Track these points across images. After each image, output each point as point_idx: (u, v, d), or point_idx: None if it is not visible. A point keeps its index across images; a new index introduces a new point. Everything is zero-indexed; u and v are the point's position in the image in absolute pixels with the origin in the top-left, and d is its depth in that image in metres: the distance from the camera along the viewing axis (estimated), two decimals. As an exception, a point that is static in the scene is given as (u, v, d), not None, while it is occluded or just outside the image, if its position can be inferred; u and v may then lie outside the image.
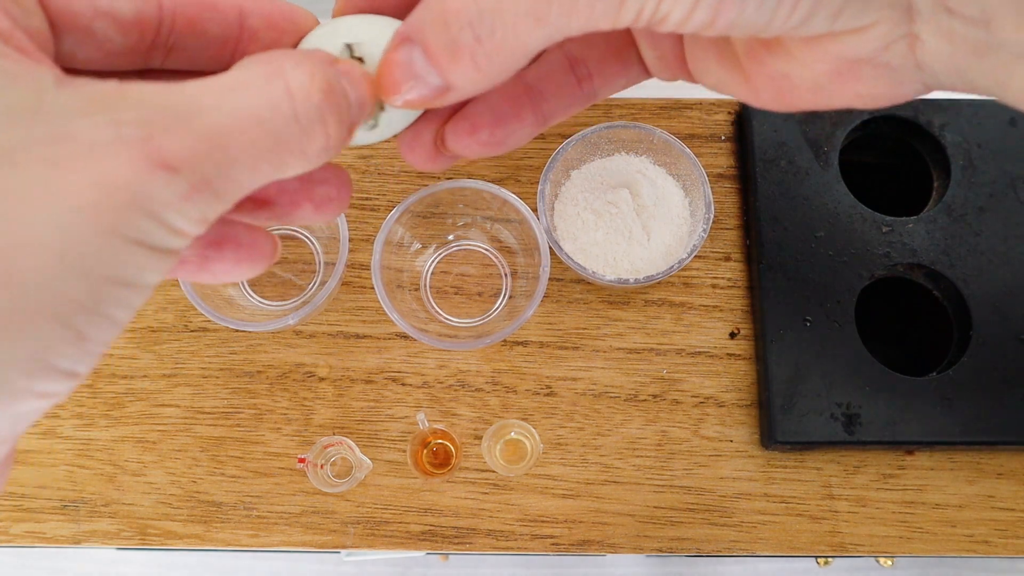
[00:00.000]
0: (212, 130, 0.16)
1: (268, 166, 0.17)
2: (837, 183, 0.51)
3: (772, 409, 0.47)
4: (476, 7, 0.18)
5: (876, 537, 0.47)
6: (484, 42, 0.18)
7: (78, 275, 0.15)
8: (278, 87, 0.17)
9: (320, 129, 0.18)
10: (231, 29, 0.21)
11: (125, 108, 0.16)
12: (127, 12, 0.19)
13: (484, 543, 0.47)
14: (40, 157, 0.15)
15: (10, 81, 0.16)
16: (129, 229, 0.15)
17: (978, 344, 0.47)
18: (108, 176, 0.15)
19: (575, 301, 0.51)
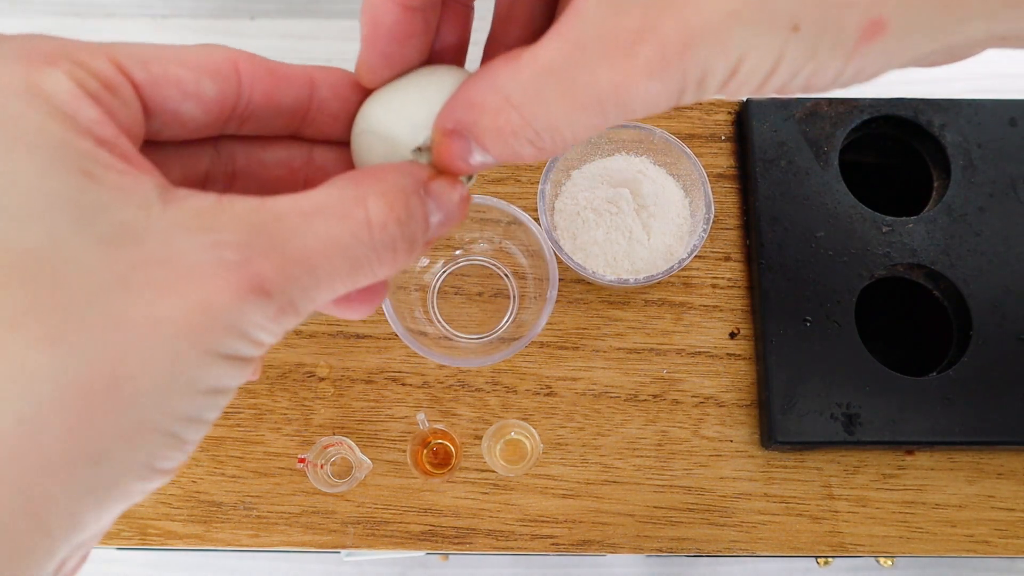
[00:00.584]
0: (302, 255, 0.18)
1: (342, 285, 0.19)
2: (837, 183, 0.51)
3: (772, 409, 0.47)
4: (532, 127, 0.19)
5: (876, 537, 0.47)
6: (545, 148, 0.20)
7: (184, 392, 0.17)
8: (359, 216, 0.19)
9: (390, 256, 0.19)
10: (302, 100, 0.22)
11: (225, 228, 0.17)
12: (211, 93, 0.20)
13: (484, 543, 0.47)
14: (150, 281, 0.16)
15: (122, 197, 0.17)
16: (225, 347, 0.17)
17: (978, 344, 0.47)
18: (210, 300, 0.16)
19: (575, 301, 0.51)
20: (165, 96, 0.19)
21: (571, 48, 0.18)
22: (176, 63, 0.19)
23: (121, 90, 0.18)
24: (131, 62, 0.19)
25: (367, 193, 0.19)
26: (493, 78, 0.20)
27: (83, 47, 0.18)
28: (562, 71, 0.19)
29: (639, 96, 0.18)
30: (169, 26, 1.16)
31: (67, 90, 0.17)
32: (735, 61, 0.18)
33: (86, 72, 0.18)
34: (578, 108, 0.19)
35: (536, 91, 0.19)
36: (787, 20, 0.17)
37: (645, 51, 0.18)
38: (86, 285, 0.16)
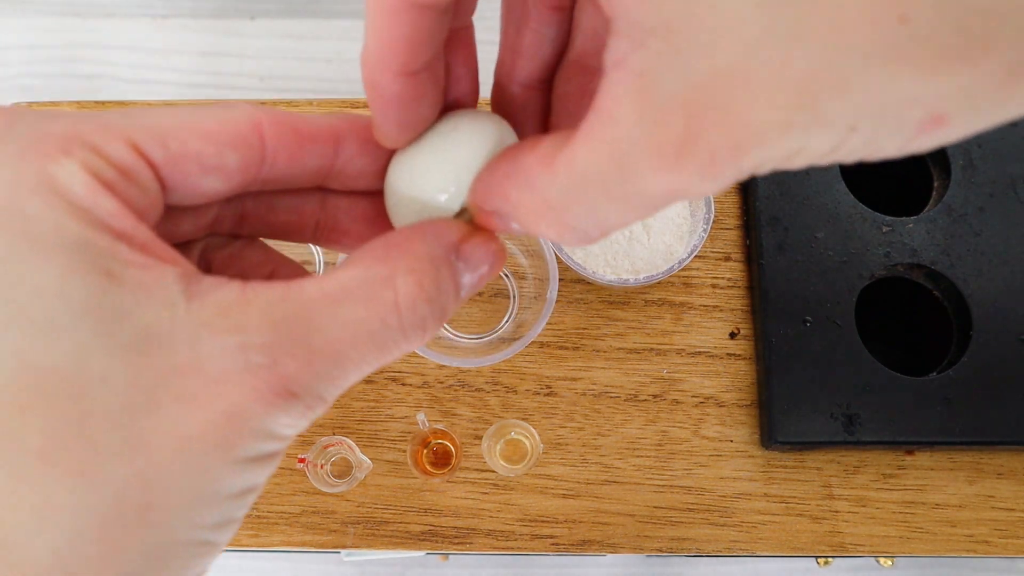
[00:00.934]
0: (329, 347, 0.17)
1: (369, 369, 0.18)
2: (837, 183, 0.51)
3: (772, 409, 0.47)
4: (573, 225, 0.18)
5: (876, 537, 0.47)
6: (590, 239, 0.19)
7: (213, 502, 0.17)
8: (388, 299, 0.18)
9: (419, 334, 0.19)
10: (328, 157, 0.21)
11: (250, 328, 0.17)
12: (234, 164, 0.19)
13: (484, 543, 0.47)
14: (177, 394, 0.16)
15: (145, 298, 0.16)
16: (253, 451, 0.17)
17: (978, 344, 0.47)
18: (237, 409, 0.16)
19: (575, 301, 0.51)
20: (186, 172, 0.19)
21: (610, 154, 0.17)
22: (197, 136, 0.19)
23: (139, 175, 0.18)
24: (149, 142, 0.18)
25: (395, 272, 0.18)
26: (527, 177, 0.19)
27: (98, 128, 0.17)
28: (606, 177, 0.17)
29: (692, 194, 0.17)
30: (169, 26, 1.16)
31: (82, 183, 0.16)
32: (787, 158, 0.16)
33: (102, 160, 0.17)
34: (630, 209, 0.18)
35: (578, 196, 0.18)
36: (844, 123, 0.16)
37: (695, 160, 0.16)
38: (112, 406, 0.16)
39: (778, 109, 0.15)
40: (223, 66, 1.14)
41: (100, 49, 1.14)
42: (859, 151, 0.17)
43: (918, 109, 0.16)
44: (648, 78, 0.16)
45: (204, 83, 1.13)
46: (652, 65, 0.16)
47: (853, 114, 0.16)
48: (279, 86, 1.13)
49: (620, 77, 0.17)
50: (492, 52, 0.22)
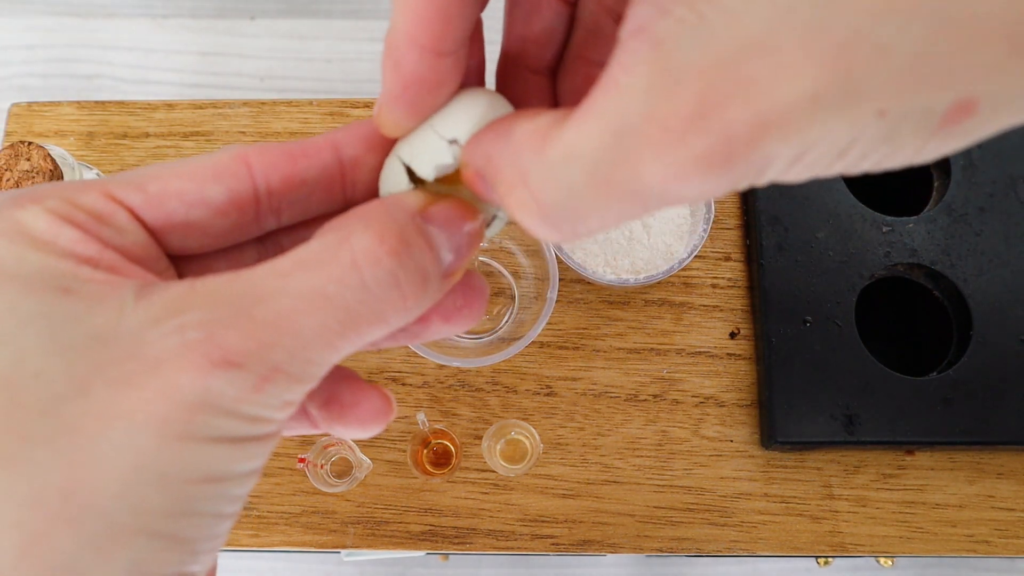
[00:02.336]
0: (276, 316, 0.16)
1: (344, 341, 0.17)
2: (837, 183, 0.51)
3: (772, 409, 0.47)
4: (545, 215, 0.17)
5: (876, 537, 0.47)
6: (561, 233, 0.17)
7: (156, 486, 0.16)
8: (343, 259, 0.17)
9: (396, 293, 0.17)
10: (330, 167, 0.20)
11: (191, 309, 0.17)
12: (219, 195, 0.19)
13: (484, 543, 0.47)
14: (111, 380, 0.16)
15: (95, 304, 0.17)
16: (200, 429, 0.16)
17: (978, 344, 0.47)
18: (172, 384, 0.16)
19: (575, 301, 0.51)
20: (169, 211, 0.19)
21: (608, 134, 0.15)
22: (176, 176, 0.19)
23: (113, 218, 0.18)
24: (125, 190, 0.18)
25: (351, 230, 0.17)
26: (516, 145, 0.17)
27: (76, 186, 0.18)
28: (595, 160, 0.15)
29: (688, 193, 0.15)
30: (169, 26, 1.16)
31: (46, 220, 0.17)
32: (807, 147, 0.15)
33: (72, 205, 0.18)
34: (612, 201, 0.16)
35: (557, 178, 0.16)
36: (874, 105, 0.14)
37: (703, 142, 0.15)
38: (43, 398, 0.16)
39: (808, 80, 0.14)
40: (223, 66, 1.14)
41: (100, 49, 1.14)
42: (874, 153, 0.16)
43: (951, 91, 0.14)
44: (666, 47, 0.15)
45: (204, 83, 1.13)
46: (673, 33, 0.14)
47: (885, 90, 0.14)
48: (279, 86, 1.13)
49: (635, 46, 0.15)
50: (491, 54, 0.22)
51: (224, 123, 0.55)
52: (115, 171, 0.55)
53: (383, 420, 0.21)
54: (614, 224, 0.17)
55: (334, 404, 0.21)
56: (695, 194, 0.16)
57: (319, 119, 0.55)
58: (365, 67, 1.14)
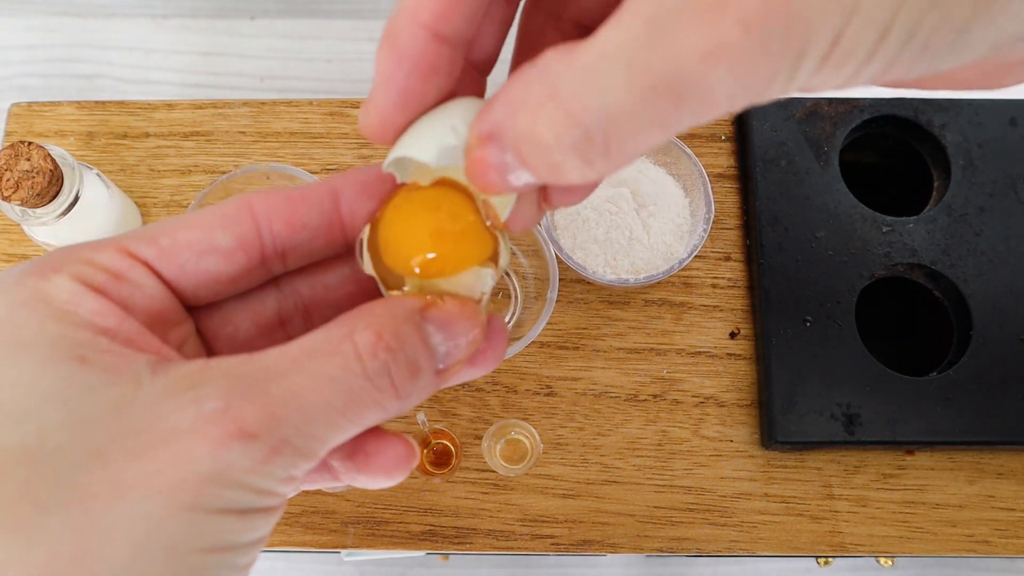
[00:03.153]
0: (288, 393, 0.17)
1: (347, 421, 0.18)
2: (837, 183, 0.51)
3: (772, 409, 0.47)
4: (580, 128, 0.15)
5: (876, 537, 0.47)
6: (592, 158, 0.16)
7: (164, 556, 0.16)
8: (347, 350, 0.18)
9: (388, 386, 0.18)
10: (330, 213, 0.21)
11: (208, 383, 0.17)
12: (228, 242, 0.20)
13: (484, 543, 0.47)
14: (127, 451, 0.16)
15: (111, 375, 0.17)
16: (210, 500, 0.16)
17: (978, 344, 0.47)
18: (186, 455, 0.16)
19: (575, 301, 0.51)
20: (182, 262, 0.20)
21: (643, 22, 0.14)
22: (185, 227, 0.20)
23: (130, 274, 0.19)
24: (139, 244, 0.19)
25: (355, 327, 0.18)
26: (545, 65, 0.16)
27: (93, 246, 0.19)
28: (631, 50, 0.14)
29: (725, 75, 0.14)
30: (169, 26, 1.16)
31: (68, 290, 0.18)
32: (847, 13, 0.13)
33: (92, 268, 0.19)
34: (648, 93, 0.14)
35: (593, 77, 0.15)
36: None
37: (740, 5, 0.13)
38: (61, 469, 0.16)
39: None
40: (223, 66, 1.14)
41: (100, 49, 1.14)
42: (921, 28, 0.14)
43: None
44: None
45: (204, 83, 1.13)
46: None
47: None
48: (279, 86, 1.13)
49: None
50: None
51: (224, 123, 0.55)
52: (115, 171, 0.54)
53: (406, 467, 0.22)
54: (646, 138, 0.15)
55: (359, 454, 0.21)
56: (734, 80, 0.14)
57: (319, 119, 0.55)
58: (365, 67, 1.13)
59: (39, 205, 0.43)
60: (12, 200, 0.42)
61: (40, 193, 0.42)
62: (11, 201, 0.42)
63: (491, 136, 0.17)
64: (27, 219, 0.44)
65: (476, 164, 0.18)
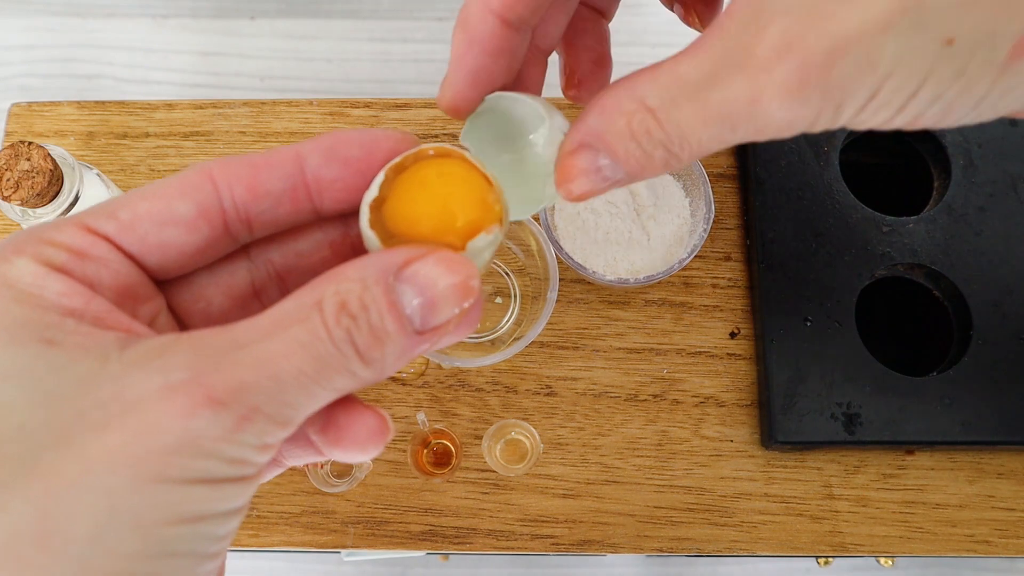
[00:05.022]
0: (258, 359, 0.17)
1: (318, 387, 0.18)
2: (837, 183, 0.51)
3: (772, 409, 0.47)
4: (664, 131, 0.19)
5: (876, 537, 0.47)
6: (675, 154, 0.20)
7: (131, 530, 0.16)
8: (315, 318, 0.18)
9: (352, 350, 0.18)
10: (295, 178, 0.21)
11: (175, 354, 0.17)
12: (189, 211, 0.20)
13: (484, 543, 0.47)
14: (90, 425, 0.16)
15: (78, 353, 0.17)
16: (178, 471, 0.16)
17: (978, 344, 0.47)
18: (152, 425, 0.16)
19: (575, 301, 0.51)
20: (143, 233, 0.19)
21: (709, 63, 0.18)
22: (143, 198, 0.19)
23: (93, 251, 0.19)
24: (99, 219, 0.19)
25: (324, 293, 0.18)
26: (631, 85, 0.20)
27: (55, 225, 0.19)
28: (697, 83, 0.18)
29: (772, 116, 0.18)
30: (169, 26, 1.16)
31: (31, 272, 0.18)
32: (881, 78, 0.17)
33: (53, 248, 0.18)
34: (709, 121, 0.18)
35: (672, 97, 0.19)
36: (942, 32, 0.16)
37: (785, 67, 0.17)
38: (23, 447, 0.16)
39: (879, 8, 0.16)
40: (223, 66, 1.14)
41: (100, 49, 1.14)
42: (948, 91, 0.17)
43: (1015, 22, 0.16)
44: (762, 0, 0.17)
45: (204, 83, 1.13)
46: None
47: (952, 16, 0.16)
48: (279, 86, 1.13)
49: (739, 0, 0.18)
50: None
51: (224, 123, 0.55)
52: (115, 171, 0.54)
53: (380, 441, 0.21)
54: (711, 148, 0.19)
55: (331, 428, 0.21)
56: (777, 119, 0.18)
57: (319, 119, 0.55)
58: (365, 67, 1.13)
59: (39, 205, 0.43)
60: (12, 200, 0.42)
61: (40, 193, 0.42)
62: (11, 201, 0.42)
63: (584, 144, 0.20)
64: (27, 219, 0.44)
65: (567, 168, 0.21)
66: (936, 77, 0.17)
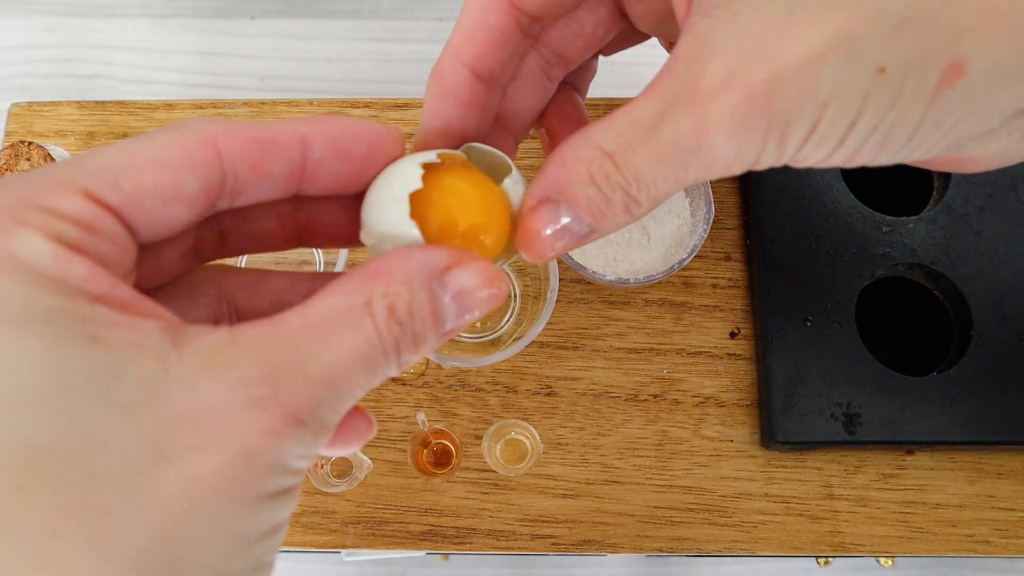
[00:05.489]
0: (327, 374, 0.17)
1: (363, 391, 0.18)
2: (837, 183, 0.51)
3: (772, 409, 0.47)
4: (622, 174, 0.19)
5: (876, 537, 0.47)
6: (634, 197, 0.20)
7: (241, 547, 0.16)
8: (367, 324, 0.18)
9: (394, 357, 0.19)
10: (295, 163, 0.20)
11: (246, 362, 0.17)
12: (194, 187, 0.18)
13: (484, 543, 0.47)
14: (184, 442, 0.15)
15: (134, 355, 0.16)
16: (271, 488, 0.17)
17: (978, 344, 0.47)
18: (248, 444, 0.16)
19: (575, 301, 0.51)
20: (148, 209, 0.18)
21: (660, 103, 0.19)
22: (150, 168, 0.18)
23: (101, 224, 0.17)
24: (103, 186, 0.17)
25: (373, 294, 0.18)
26: (587, 135, 0.20)
27: (48, 187, 0.17)
28: (649, 124, 0.19)
29: (720, 148, 0.18)
30: (169, 26, 1.16)
31: (48, 252, 0.16)
32: (820, 106, 0.17)
33: (60, 220, 0.16)
34: (662, 159, 0.19)
35: (627, 141, 0.19)
36: (874, 61, 0.17)
37: (728, 97, 0.18)
38: (119, 468, 0.15)
39: (816, 40, 0.17)
40: (223, 66, 1.14)
41: (100, 49, 1.14)
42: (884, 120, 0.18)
43: (940, 52, 0.17)
44: (705, 36, 0.18)
45: (204, 83, 1.13)
46: (711, 26, 0.18)
47: (883, 46, 0.17)
48: (279, 86, 1.13)
49: (684, 41, 0.19)
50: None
51: (224, 123, 0.55)
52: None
53: (363, 439, 0.22)
54: (667, 189, 0.20)
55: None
56: (724, 151, 0.19)
57: (319, 119, 0.55)
58: (365, 67, 1.13)
59: (39, 205, 0.43)
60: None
61: (40, 193, 0.42)
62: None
63: (544, 198, 0.20)
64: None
65: (532, 229, 0.21)
66: (872, 105, 0.17)
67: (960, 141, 0.19)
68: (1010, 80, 0.17)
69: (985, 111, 0.18)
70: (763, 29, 0.17)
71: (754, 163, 0.19)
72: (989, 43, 0.17)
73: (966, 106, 0.18)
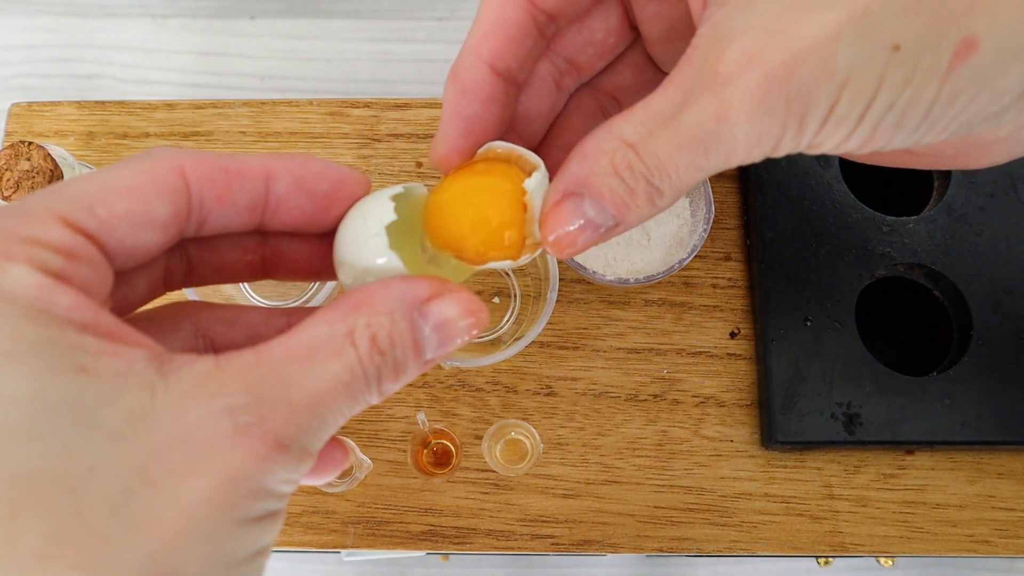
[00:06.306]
0: (310, 401, 0.18)
1: (345, 418, 0.19)
2: (837, 183, 0.50)
3: (772, 409, 0.47)
4: (644, 163, 0.19)
5: (876, 537, 0.47)
6: (657, 187, 0.20)
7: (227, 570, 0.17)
8: (351, 351, 0.18)
9: (375, 385, 0.19)
10: (259, 195, 0.21)
11: (231, 390, 0.17)
12: (164, 215, 0.19)
13: (484, 543, 0.47)
14: (172, 467, 0.16)
15: (120, 384, 0.16)
16: (256, 511, 0.17)
17: (978, 344, 0.47)
18: (234, 469, 0.16)
19: (575, 301, 0.51)
20: (121, 236, 0.18)
21: (680, 92, 0.19)
22: (121, 195, 0.18)
23: (82, 251, 0.17)
24: (79, 213, 0.18)
25: (355, 325, 0.19)
26: (609, 127, 0.20)
27: (29, 217, 0.17)
28: (670, 113, 0.19)
29: (740, 132, 0.18)
30: (169, 26, 1.16)
31: (34, 283, 0.16)
32: (838, 86, 0.18)
33: (43, 249, 0.17)
34: (683, 147, 0.19)
35: (648, 131, 0.19)
36: (889, 39, 0.17)
37: (747, 79, 0.18)
38: (108, 493, 0.15)
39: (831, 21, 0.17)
40: (223, 66, 1.14)
41: (100, 49, 1.14)
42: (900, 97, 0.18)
43: (953, 29, 0.17)
44: (722, 24, 0.19)
45: (204, 83, 1.13)
46: (727, 14, 0.18)
47: (897, 24, 0.17)
48: (279, 86, 1.13)
49: (701, 31, 0.19)
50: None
51: (224, 123, 0.55)
52: (115, 171, 0.54)
53: (339, 468, 0.23)
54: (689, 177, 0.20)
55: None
56: (744, 135, 0.19)
57: (319, 119, 0.55)
58: (365, 67, 1.13)
59: (39, 205, 0.43)
60: (12, 200, 0.42)
61: (40, 193, 0.42)
62: (11, 201, 0.42)
63: (568, 192, 0.21)
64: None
65: (553, 218, 0.21)
66: (888, 83, 0.18)
67: (972, 122, 0.19)
68: (1021, 56, 0.18)
69: (997, 88, 0.18)
70: (779, 13, 0.18)
71: (774, 148, 0.19)
72: (1000, 19, 0.17)
73: (979, 83, 0.18)
